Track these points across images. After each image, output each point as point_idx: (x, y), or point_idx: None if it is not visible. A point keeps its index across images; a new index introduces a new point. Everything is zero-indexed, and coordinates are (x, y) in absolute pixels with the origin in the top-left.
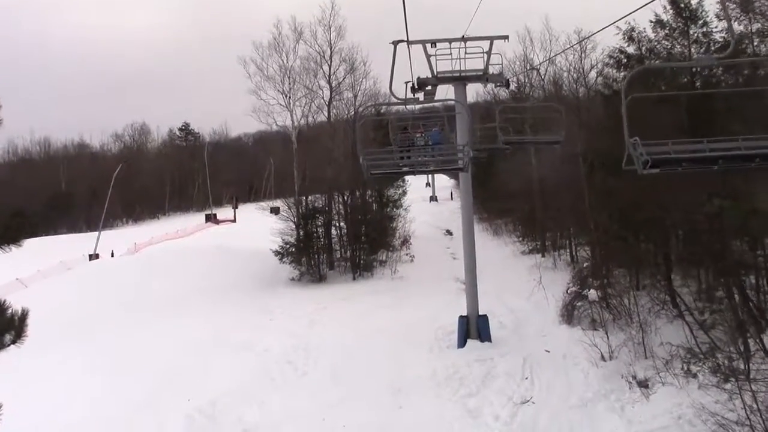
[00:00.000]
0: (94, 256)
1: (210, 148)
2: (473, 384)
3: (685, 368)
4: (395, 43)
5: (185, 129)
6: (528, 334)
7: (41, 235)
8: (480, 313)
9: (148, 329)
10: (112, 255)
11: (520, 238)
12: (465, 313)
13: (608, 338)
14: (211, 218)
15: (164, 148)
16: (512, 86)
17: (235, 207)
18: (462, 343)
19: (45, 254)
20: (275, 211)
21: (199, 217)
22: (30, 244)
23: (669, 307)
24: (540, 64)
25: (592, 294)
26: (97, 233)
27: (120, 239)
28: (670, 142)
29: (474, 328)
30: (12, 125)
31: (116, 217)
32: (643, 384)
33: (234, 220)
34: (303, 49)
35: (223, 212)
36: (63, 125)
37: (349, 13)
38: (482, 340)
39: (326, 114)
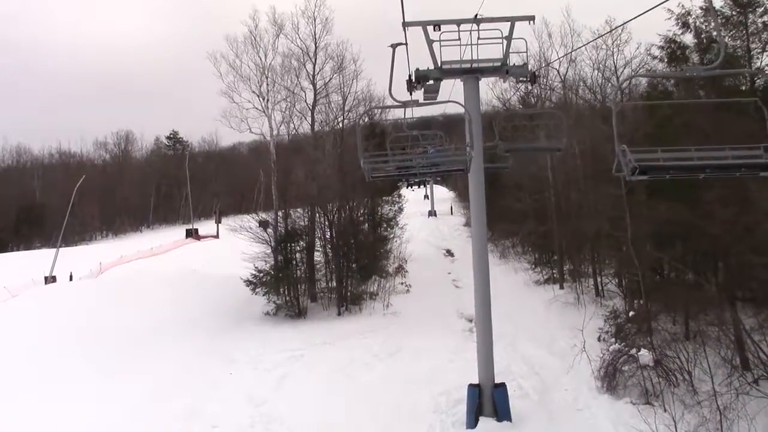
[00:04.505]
0: (50, 279)
1: (201, 158)
2: None
3: None
4: (394, 47)
5: (173, 137)
6: (559, 406)
7: (11, 250)
8: (496, 378)
9: (75, 390)
10: (71, 278)
11: (533, 265)
12: (476, 380)
13: (675, 424)
14: (191, 234)
15: (150, 157)
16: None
17: (218, 221)
18: (473, 422)
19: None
20: (264, 224)
21: (184, 231)
22: None
23: (741, 371)
24: (560, 58)
25: (644, 356)
26: (72, 247)
27: (90, 256)
28: (659, 150)
29: (489, 401)
30: None
31: (95, 229)
32: None
33: (217, 236)
34: (284, 44)
35: (208, 226)
36: (44, 135)
37: (344, 12)
38: (499, 419)
39: (310, 120)
